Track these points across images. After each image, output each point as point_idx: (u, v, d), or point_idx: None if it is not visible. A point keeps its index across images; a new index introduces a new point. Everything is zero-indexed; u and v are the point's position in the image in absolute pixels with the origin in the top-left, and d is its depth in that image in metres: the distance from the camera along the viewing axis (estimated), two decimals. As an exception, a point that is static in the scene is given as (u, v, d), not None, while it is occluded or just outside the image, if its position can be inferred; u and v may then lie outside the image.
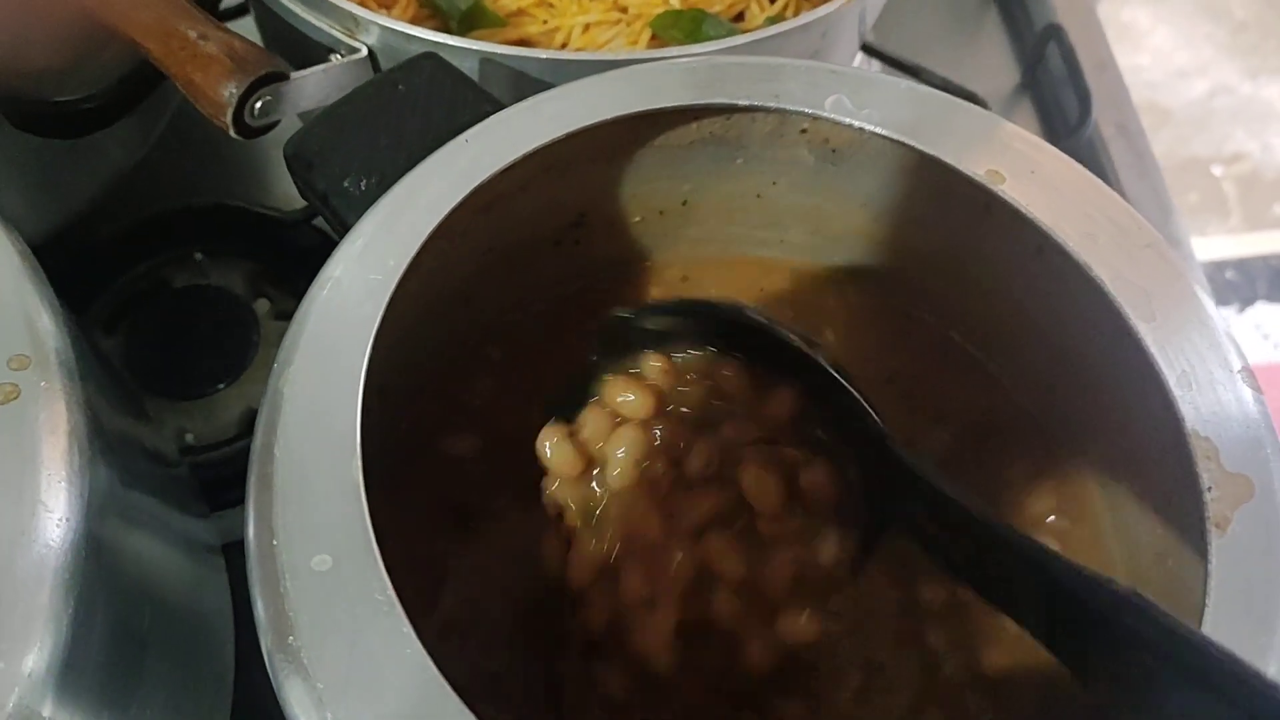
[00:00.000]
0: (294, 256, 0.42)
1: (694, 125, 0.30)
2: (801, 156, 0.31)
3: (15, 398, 0.24)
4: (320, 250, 0.43)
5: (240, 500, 0.38)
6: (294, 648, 0.21)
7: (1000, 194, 0.26)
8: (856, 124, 0.27)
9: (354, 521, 0.22)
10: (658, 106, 0.28)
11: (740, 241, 0.34)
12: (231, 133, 0.31)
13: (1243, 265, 1.20)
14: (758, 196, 0.33)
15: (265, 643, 0.22)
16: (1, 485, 0.23)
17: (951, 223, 0.29)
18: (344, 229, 0.27)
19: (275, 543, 0.22)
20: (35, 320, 0.25)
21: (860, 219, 0.32)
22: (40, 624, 0.22)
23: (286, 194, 0.44)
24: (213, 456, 0.38)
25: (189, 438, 0.39)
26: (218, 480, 0.37)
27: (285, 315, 0.41)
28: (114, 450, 0.27)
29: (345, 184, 0.28)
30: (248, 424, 0.39)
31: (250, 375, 0.40)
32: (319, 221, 0.43)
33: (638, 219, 0.33)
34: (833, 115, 0.27)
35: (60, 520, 0.23)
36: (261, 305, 0.41)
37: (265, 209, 0.43)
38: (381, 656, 0.21)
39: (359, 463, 0.22)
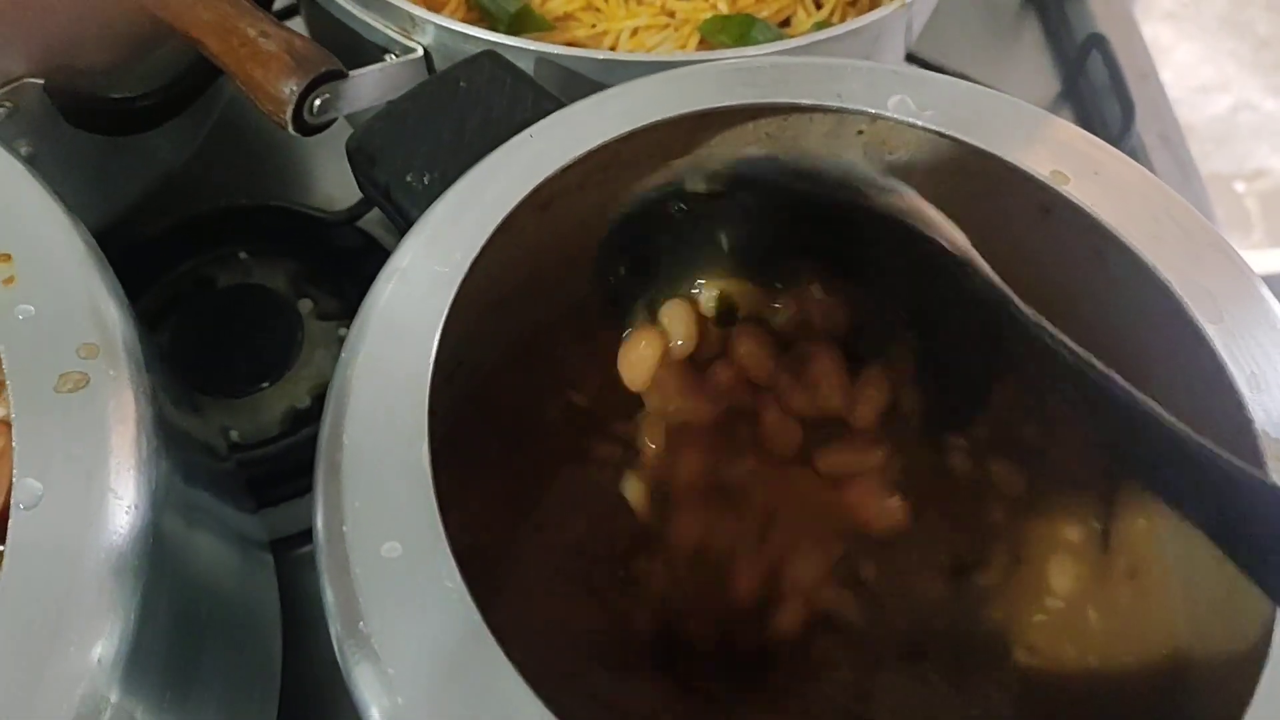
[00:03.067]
0: (337, 257, 0.42)
1: (750, 126, 0.30)
2: (856, 161, 0.31)
3: (84, 386, 0.24)
4: (364, 251, 0.43)
5: (286, 497, 0.38)
6: (364, 633, 0.21)
7: (1066, 195, 0.26)
8: (920, 124, 0.27)
9: (423, 509, 0.22)
10: (724, 104, 0.28)
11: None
12: (290, 129, 0.31)
13: (1267, 282, 1.19)
14: (809, 201, 0.33)
15: (335, 629, 0.22)
16: (72, 472, 0.23)
17: (1009, 228, 0.29)
18: (406, 223, 0.27)
19: (345, 528, 0.22)
20: (103, 310, 0.26)
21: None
22: (109, 611, 0.22)
23: (330, 195, 0.45)
24: (257, 454, 0.38)
25: (233, 435, 0.39)
26: (263, 478, 0.38)
27: (328, 315, 0.41)
28: (174, 442, 0.27)
29: (408, 179, 0.28)
30: (291, 423, 0.39)
31: (293, 375, 0.40)
32: (363, 223, 0.43)
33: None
34: (896, 115, 0.27)
35: (129, 508, 0.23)
36: (305, 305, 0.42)
37: (310, 209, 0.43)
38: (451, 643, 0.21)
39: (427, 448, 0.23)
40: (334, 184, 0.44)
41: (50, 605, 0.22)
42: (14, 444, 0.23)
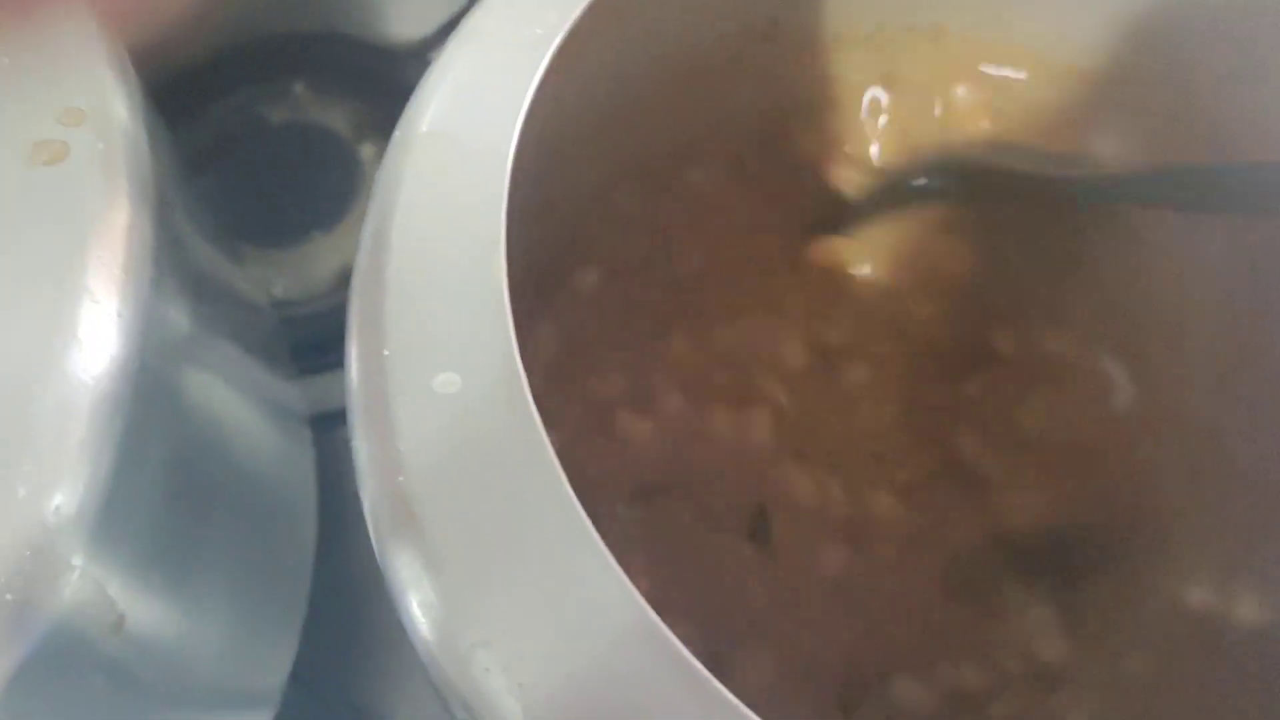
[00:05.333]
0: (405, 98, 0.36)
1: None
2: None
3: (63, 159, 0.18)
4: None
5: (330, 366, 0.33)
6: (403, 493, 0.15)
7: None
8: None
9: (494, 329, 0.16)
10: None
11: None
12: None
13: None
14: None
15: (366, 491, 0.16)
16: (37, 263, 0.17)
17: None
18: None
19: (386, 352, 0.16)
20: (97, 71, 0.20)
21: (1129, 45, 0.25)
22: (77, 449, 0.16)
23: (399, 27, 0.38)
24: (302, 312, 0.33)
25: (276, 290, 0.33)
26: (306, 341, 0.32)
27: (393, 164, 0.36)
28: (195, 278, 0.21)
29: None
30: (343, 281, 0.34)
31: (348, 227, 0.34)
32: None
33: (843, 38, 0.26)
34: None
35: (110, 316, 0.18)
36: (366, 151, 0.36)
37: (377, 40, 0.37)
38: (521, 508, 0.15)
39: (503, 251, 0.16)
40: (405, 18, 0.38)
41: (-4, 433, 0.16)
42: (-35, 223, 0.18)
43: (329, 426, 0.31)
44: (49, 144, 0.18)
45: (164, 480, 0.19)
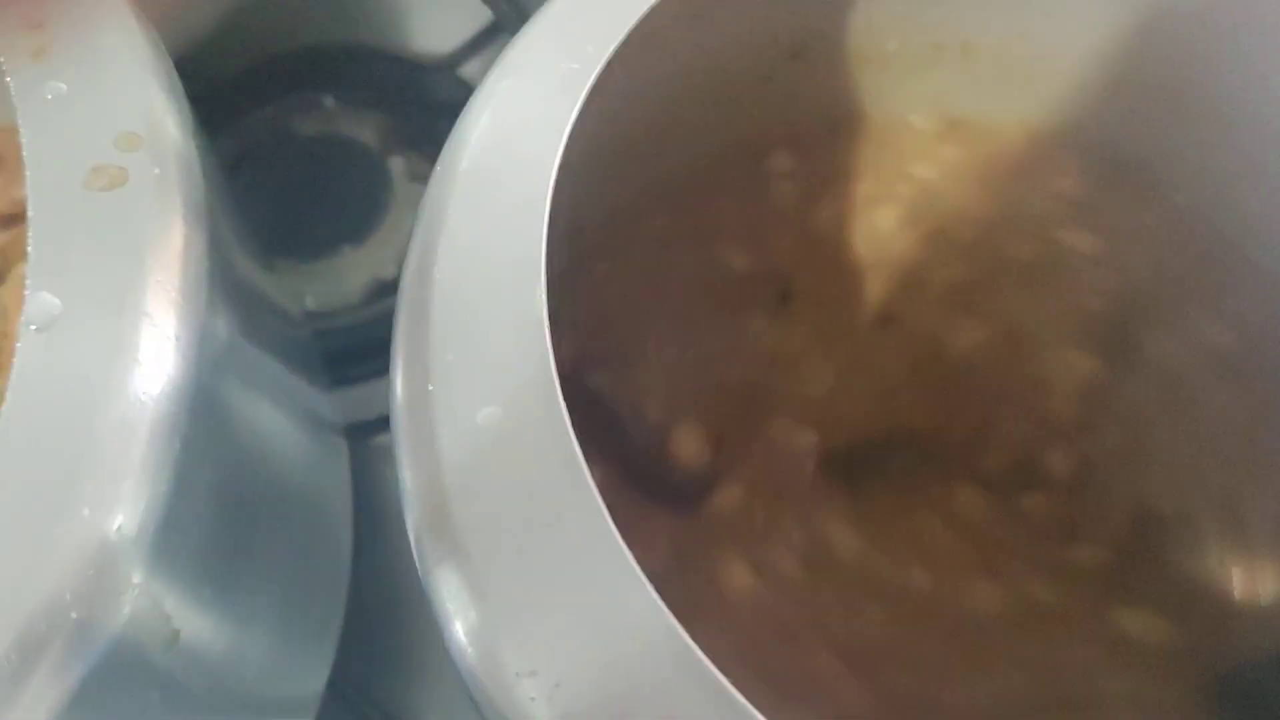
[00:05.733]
0: (434, 111, 0.37)
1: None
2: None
3: (121, 184, 0.19)
4: (464, 106, 0.38)
5: (363, 377, 0.33)
6: (448, 522, 0.16)
7: None
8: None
9: (535, 365, 0.16)
10: None
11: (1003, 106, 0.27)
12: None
13: None
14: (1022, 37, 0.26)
15: (411, 517, 0.16)
16: (99, 288, 0.18)
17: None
18: (521, 20, 0.22)
19: (431, 388, 0.17)
20: (152, 98, 0.20)
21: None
22: (138, 470, 0.17)
23: (428, 40, 0.39)
24: (334, 324, 0.33)
25: (308, 302, 0.34)
26: (339, 352, 0.33)
27: (422, 177, 0.36)
28: (238, 293, 0.22)
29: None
30: (372, 293, 0.34)
31: (379, 239, 0.35)
32: (465, 70, 0.37)
33: (870, 59, 0.27)
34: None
35: (169, 339, 0.18)
36: (396, 164, 0.36)
37: (405, 53, 0.37)
38: (564, 536, 0.15)
39: (543, 290, 0.17)
40: (433, 31, 0.39)
41: (62, 454, 0.17)
42: (29, 249, 0.18)
43: (362, 436, 0.32)
44: (107, 169, 0.19)
45: (215, 496, 0.20)
